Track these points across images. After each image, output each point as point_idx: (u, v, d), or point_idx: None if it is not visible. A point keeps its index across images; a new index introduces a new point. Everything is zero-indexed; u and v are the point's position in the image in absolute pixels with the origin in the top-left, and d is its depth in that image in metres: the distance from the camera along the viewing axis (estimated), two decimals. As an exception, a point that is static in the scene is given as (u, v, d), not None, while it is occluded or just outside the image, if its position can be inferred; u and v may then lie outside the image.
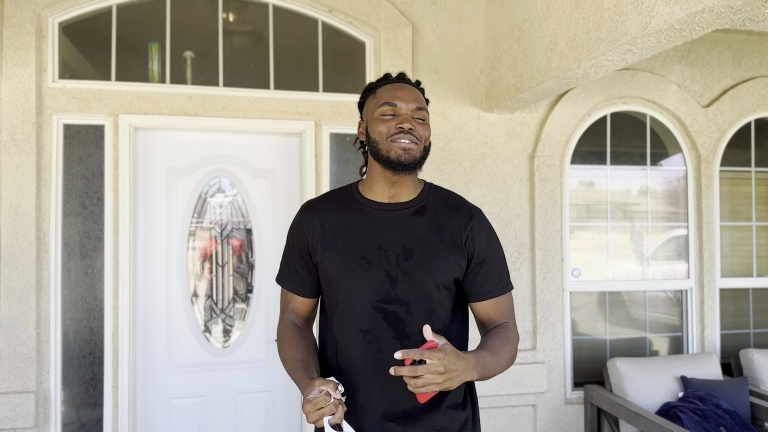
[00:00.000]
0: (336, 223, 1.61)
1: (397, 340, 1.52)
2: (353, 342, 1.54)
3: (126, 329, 3.22)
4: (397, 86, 1.61)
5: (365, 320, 1.53)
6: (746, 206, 4.14)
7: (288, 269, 1.69)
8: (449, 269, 1.56)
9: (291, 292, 1.69)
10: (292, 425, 3.53)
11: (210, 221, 3.46)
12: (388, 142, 1.55)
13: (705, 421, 3.24)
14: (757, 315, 4.14)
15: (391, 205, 1.61)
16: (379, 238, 1.57)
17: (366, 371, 1.53)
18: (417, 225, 1.59)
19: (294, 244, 1.66)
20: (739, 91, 4.00)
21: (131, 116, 3.24)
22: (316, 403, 1.34)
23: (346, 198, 1.66)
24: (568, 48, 2.72)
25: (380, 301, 1.53)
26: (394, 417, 1.52)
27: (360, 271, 1.54)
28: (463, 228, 1.61)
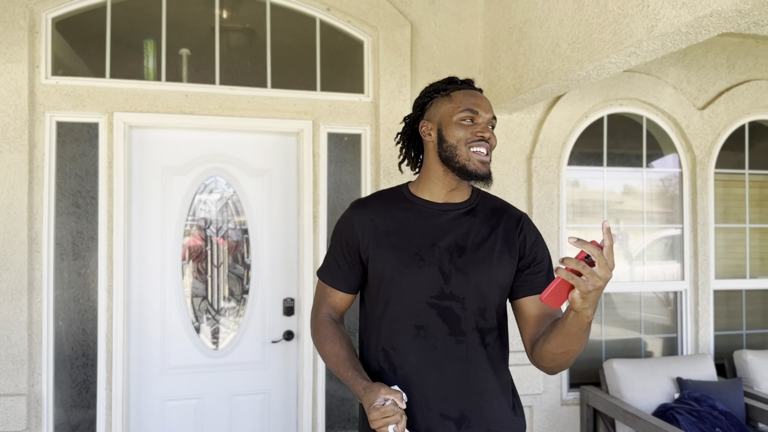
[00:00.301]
0: (388, 220, 1.63)
1: (452, 336, 1.54)
2: (408, 338, 1.55)
3: (120, 330, 3.17)
4: (475, 94, 1.64)
5: (419, 316, 1.55)
6: (740, 208, 4.16)
7: (332, 264, 1.71)
8: (502, 267, 1.59)
9: (331, 287, 1.70)
10: (288, 427, 3.50)
11: (205, 221, 3.42)
12: (466, 149, 1.57)
13: (701, 422, 3.26)
14: (749, 316, 4.16)
15: (443, 205, 1.64)
16: (432, 236, 1.59)
17: (421, 367, 1.54)
18: (469, 224, 1.62)
19: (342, 240, 1.67)
20: (733, 93, 4.02)
21: (126, 114, 3.18)
22: (384, 412, 1.38)
23: (398, 197, 1.68)
24: (571, 50, 2.71)
25: (434, 297, 1.55)
26: (449, 414, 1.53)
27: (413, 267, 1.56)
28: (515, 228, 1.65)
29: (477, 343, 1.56)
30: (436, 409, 1.53)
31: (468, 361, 1.54)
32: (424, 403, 1.53)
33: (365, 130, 3.50)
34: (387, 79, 3.44)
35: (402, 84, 3.46)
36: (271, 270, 3.48)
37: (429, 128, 1.65)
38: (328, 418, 3.47)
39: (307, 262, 3.39)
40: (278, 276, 3.49)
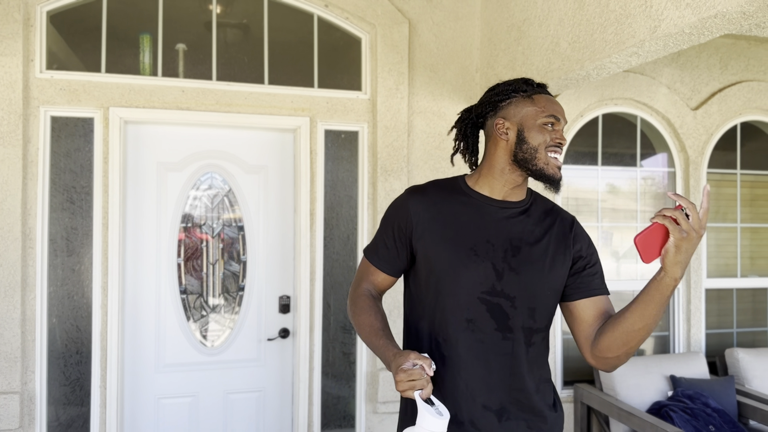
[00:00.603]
0: (445, 211, 1.63)
1: (499, 332, 1.56)
2: (458, 329, 1.57)
3: (115, 327, 3.14)
4: (556, 101, 1.66)
5: (470, 309, 1.57)
6: (731, 208, 4.20)
7: (380, 246, 1.71)
8: (554, 270, 1.61)
9: (375, 267, 1.72)
10: (283, 425, 3.49)
11: (201, 218, 3.39)
12: (545, 153, 1.59)
13: (695, 419, 3.29)
14: (740, 315, 4.21)
15: (500, 202, 1.64)
16: (487, 232, 1.60)
17: (468, 359, 1.56)
18: (524, 224, 1.63)
19: (394, 223, 1.67)
20: (726, 94, 4.06)
21: (122, 109, 3.15)
22: (411, 374, 1.37)
23: (455, 189, 1.68)
24: (571, 49, 2.71)
25: (485, 293, 1.56)
26: (491, 406, 1.56)
27: (467, 261, 1.57)
28: (569, 231, 1.67)
29: (522, 341, 1.58)
30: (479, 400, 1.56)
31: (513, 357, 1.57)
32: (468, 394, 1.56)
33: (363, 128, 3.49)
34: (385, 77, 3.44)
35: (400, 82, 3.46)
36: (267, 267, 3.47)
37: (506, 127, 1.64)
38: (323, 416, 3.46)
39: (303, 260, 3.38)
40: (274, 273, 3.47)
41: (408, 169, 3.49)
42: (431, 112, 3.56)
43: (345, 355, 3.52)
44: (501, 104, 1.66)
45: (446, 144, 3.57)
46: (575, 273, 1.64)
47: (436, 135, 3.56)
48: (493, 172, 1.65)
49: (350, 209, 3.52)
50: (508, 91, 1.66)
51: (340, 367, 3.52)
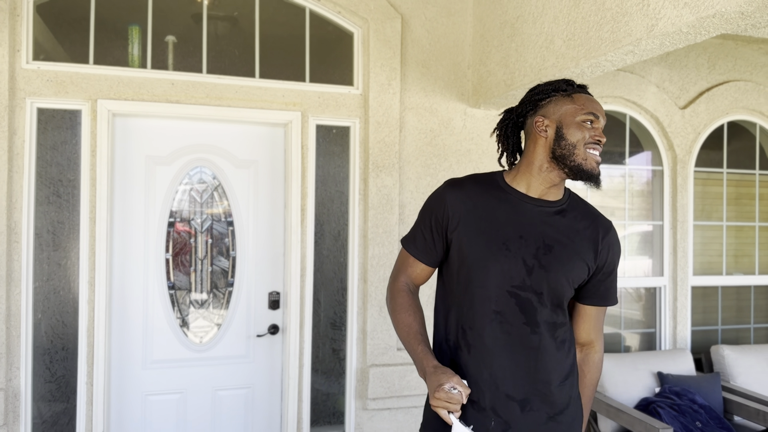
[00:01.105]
0: (480, 205, 1.68)
1: (527, 326, 1.62)
2: (485, 321, 1.62)
3: (102, 323, 3.10)
4: (593, 99, 1.69)
5: (499, 302, 1.62)
6: (717, 206, 4.25)
7: (417, 236, 1.76)
8: (581, 271, 1.67)
9: (413, 257, 1.76)
10: (272, 422, 3.47)
11: (190, 212, 3.35)
12: (584, 150, 1.63)
13: (682, 416, 3.32)
14: (724, 312, 4.26)
15: (536, 201, 1.69)
16: (521, 229, 1.65)
17: (494, 349, 1.62)
18: (558, 224, 1.68)
19: (432, 214, 1.72)
20: (714, 93, 4.10)
21: (110, 101, 3.10)
22: (451, 398, 1.47)
23: (492, 184, 1.72)
24: (566, 47, 2.72)
25: (515, 287, 1.62)
26: (515, 396, 1.61)
27: (499, 255, 1.62)
28: (601, 238, 1.71)
29: (549, 335, 1.64)
30: (503, 389, 1.61)
31: (539, 350, 1.62)
32: (492, 383, 1.61)
33: (354, 123, 3.47)
34: (377, 72, 3.42)
35: (392, 77, 3.44)
36: (257, 263, 3.44)
37: (545, 125, 1.68)
38: (313, 412, 3.44)
39: (294, 256, 3.36)
40: (264, 269, 3.44)
41: (399, 165, 3.48)
42: (423, 108, 3.54)
43: (335, 351, 3.50)
44: (541, 103, 1.71)
45: (438, 140, 3.56)
46: (598, 280, 1.72)
47: (428, 131, 3.55)
48: (531, 169, 1.69)
49: (341, 205, 3.50)
50: (548, 90, 1.70)
51: (330, 363, 3.50)
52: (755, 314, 4.34)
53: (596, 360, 1.79)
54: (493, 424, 1.61)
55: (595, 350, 1.80)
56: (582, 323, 1.78)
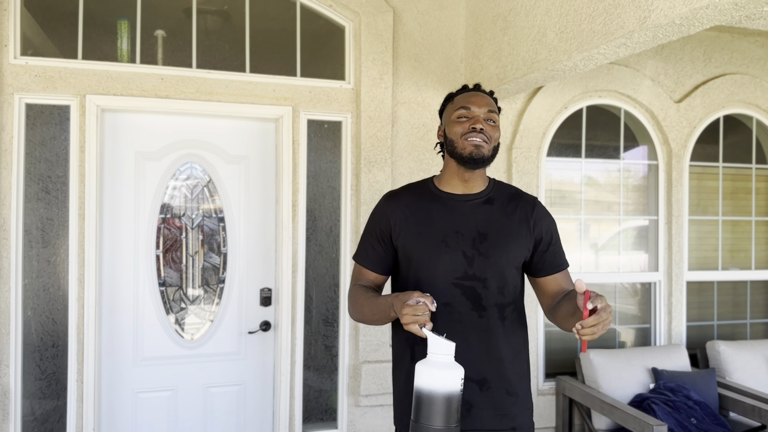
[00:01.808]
0: (417, 211, 1.86)
1: (474, 311, 1.77)
2: (437, 313, 1.74)
3: (92, 320, 3.07)
4: (472, 93, 1.87)
5: (446, 294, 1.77)
6: (713, 201, 4.22)
7: (368, 249, 1.92)
8: (519, 249, 1.82)
9: (366, 269, 1.92)
10: (264, 419, 3.45)
11: (180, 208, 3.33)
12: (462, 141, 1.79)
13: (676, 412, 3.30)
14: (720, 307, 4.24)
15: (464, 196, 1.86)
16: (456, 224, 1.81)
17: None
18: (488, 212, 1.84)
19: (376, 226, 1.90)
20: (709, 87, 4.07)
21: (99, 97, 3.07)
22: (416, 309, 1.55)
23: (424, 191, 1.91)
24: (558, 40, 2.69)
25: (459, 278, 1.77)
26: (473, 378, 1.76)
27: (440, 252, 1.78)
28: (530, 214, 1.87)
29: (496, 317, 1.78)
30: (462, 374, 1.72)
31: (489, 332, 1.78)
32: None
33: (346, 118, 3.44)
34: (369, 66, 3.39)
35: (384, 71, 3.41)
36: (248, 259, 3.41)
37: (441, 131, 1.92)
38: (305, 409, 3.42)
39: (285, 252, 3.33)
40: (255, 265, 3.42)
41: (392, 160, 3.45)
42: (416, 102, 3.51)
43: (327, 348, 3.48)
44: (441, 115, 1.95)
45: (430, 135, 3.53)
46: (540, 252, 1.86)
47: (421, 126, 3.52)
48: (447, 170, 1.89)
49: (333, 201, 3.47)
50: (444, 102, 1.95)
51: (322, 360, 3.48)
52: (751, 309, 4.32)
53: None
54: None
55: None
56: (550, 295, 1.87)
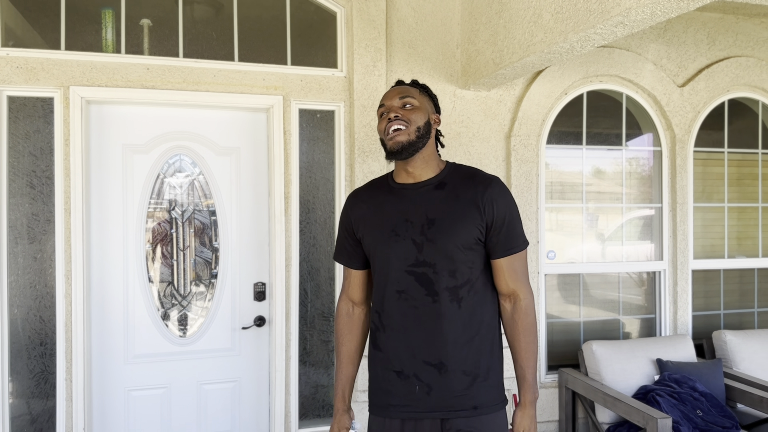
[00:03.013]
0: (372, 205, 1.94)
1: (429, 296, 1.82)
2: (392, 301, 1.85)
3: (80, 318, 3.00)
4: (388, 91, 1.93)
5: (400, 282, 1.84)
6: (718, 187, 4.11)
7: (342, 248, 2.03)
8: (468, 232, 1.81)
9: (346, 266, 2.03)
10: (260, 416, 3.38)
11: (170, 202, 3.25)
12: (385, 137, 1.87)
13: (682, 404, 3.21)
14: (727, 296, 4.14)
15: (415, 184, 1.90)
16: (405, 213, 1.86)
17: (406, 324, 1.84)
18: (438, 197, 1.86)
19: (344, 225, 2.01)
20: (713, 70, 3.95)
21: (83, 88, 2.99)
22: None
23: (382, 184, 1.98)
24: (554, 21, 2.58)
25: (411, 266, 1.83)
26: (431, 362, 1.82)
27: (391, 241, 1.85)
28: (481, 195, 1.84)
29: (448, 300, 1.82)
30: (420, 357, 1.83)
31: (443, 316, 1.81)
32: (410, 353, 1.84)
33: (339, 107, 3.34)
34: (361, 53, 3.29)
35: (377, 58, 3.31)
36: (241, 253, 3.33)
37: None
38: (302, 405, 3.35)
39: (278, 245, 3.25)
40: (248, 259, 3.34)
41: (386, 149, 3.36)
42: (410, 90, 3.41)
43: (323, 342, 3.40)
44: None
45: (426, 123, 3.43)
46: (494, 233, 1.85)
47: (416, 114, 3.42)
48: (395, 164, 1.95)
49: (327, 192, 3.38)
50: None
51: (319, 355, 3.40)
52: (759, 298, 4.21)
53: (524, 306, 1.87)
54: (417, 389, 1.83)
55: (520, 298, 1.88)
56: (500, 276, 1.88)
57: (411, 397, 1.84)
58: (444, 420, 1.83)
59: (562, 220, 3.83)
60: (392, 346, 1.86)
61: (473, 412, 1.82)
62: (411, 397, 1.84)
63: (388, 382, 1.86)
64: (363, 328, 2.04)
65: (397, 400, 1.85)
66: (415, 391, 1.83)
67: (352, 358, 1.99)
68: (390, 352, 1.86)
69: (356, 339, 2.02)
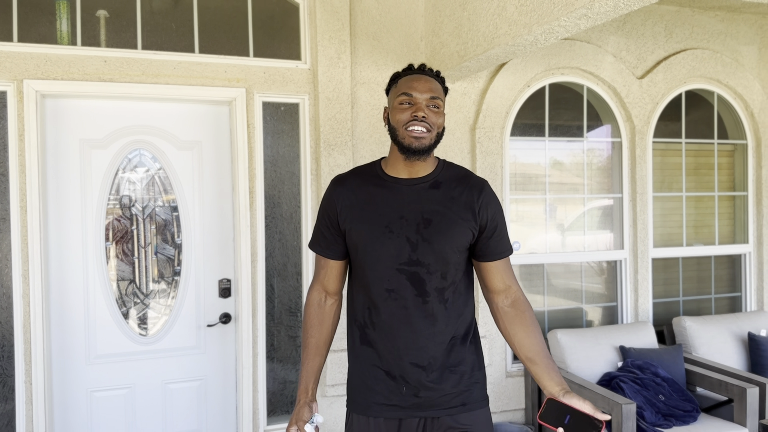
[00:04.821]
0: (362, 196, 1.83)
1: (419, 297, 1.78)
2: (381, 299, 1.79)
3: (39, 318, 2.91)
4: (415, 77, 1.79)
5: (390, 281, 1.78)
6: (676, 177, 4.21)
7: (320, 236, 1.90)
8: (463, 234, 1.78)
9: (322, 256, 1.91)
10: (228, 414, 3.33)
11: (130, 199, 3.17)
12: (403, 130, 1.75)
13: (645, 389, 3.28)
14: (685, 283, 4.24)
15: (410, 180, 1.82)
16: (400, 209, 1.79)
17: (394, 324, 1.78)
18: (433, 197, 1.81)
19: (326, 213, 1.88)
20: (671, 62, 4.03)
21: (38, 81, 2.89)
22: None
23: (371, 174, 1.88)
24: (518, 13, 2.60)
25: (403, 264, 1.77)
26: (419, 363, 1.78)
27: (384, 238, 1.77)
28: (476, 199, 1.82)
29: (437, 300, 1.78)
30: (407, 359, 1.78)
31: (433, 317, 1.78)
32: (398, 354, 1.79)
33: (303, 100, 3.31)
34: (325, 45, 3.26)
35: (341, 50, 3.28)
36: (205, 250, 3.27)
37: (386, 114, 1.86)
38: (270, 402, 3.32)
39: (244, 240, 3.20)
40: (212, 256, 3.29)
41: (353, 143, 3.34)
42: (375, 83, 3.40)
43: (291, 338, 3.37)
44: (388, 94, 1.88)
45: (391, 116, 3.42)
46: (485, 238, 1.83)
47: (381, 107, 3.40)
48: (392, 155, 1.85)
49: (293, 186, 3.35)
50: (391, 81, 1.87)
51: (286, 350, 3.37)
52: (716, 284, 4.33)
53: (521, 298, 1.86)
54: (404, 390, 1.79)
55: (514, 291, 1.87)
56: (492, 277, 1.86)
57: (397, 397, 1.81)
58: (431, 419, 1.81)
59: (526, 211, 3.87)
60: (382, 345, 1.81)
61: (462, 409, 1.81)
62: (397, 397, 1.81)
63: (375, 380, 1.81)
64: (333, 320, 1.95)
65: (382, 398, 1.81)
66: (402, 392, 1.80)
67: (320, 349, 1.90)
68: (380, 351, 1.81)
69: (326, 331, 1.93)
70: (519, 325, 1.81)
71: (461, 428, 1.80)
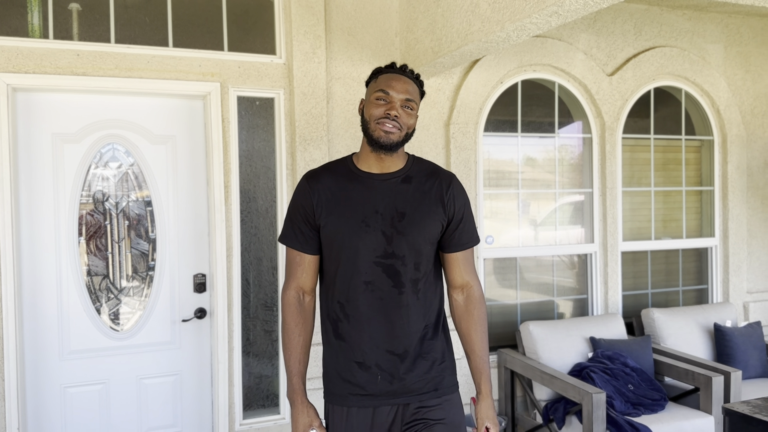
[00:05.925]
0: (337, 191, 1.87)
1: (395, 288, 1.84)
2: (358, 292, 1.84)
3: (11, 315, 2.89)
4: (395, 77, 1.85)
5: (368, 273, 1.83)
6: (645, 172, 4.30)
7: (295, 231, 1.91)
8: (434, 227, 1.87)
9: (297, 251, 1.91)
10: (203, 409, 3.34)
11: (103, 193, 3.15)
12: (375, 124, 1.82)
13: (614, 379, 3.36)
14: (654, 276, 4.35)
15: (382, 176, 1.89)
16: (375, 204, 1.85)
17: (371, 315, 1.84)
18: (406, 191, 1.88)
19: (301, 208, 1.90)
20: (640, 60, 4.12)
21: (9, 75, 2.86)
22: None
23: (344, 170, 1.93)
24: (491, 10, 2.64)
25: (380, 257, 1.83)
26: (395, 351, 1.85)
27: (361, 232, 1.83)
28: (445, 191, 1.91)
29: (411, 291, 1.85)
30: (383, 347, 1.85)
31: (408, 307, 1.85)
32: (374, 344, 1.85)
33: (278, 94, 3.31)
34: (300, 40, 3.27)
35: (317, 45, 3.30)
36: (179, 244, 3.27)
37: (361, 106, 1.91)
38: (245, 397, 3.33)
39: (219, 235, 3.20)
40: (187, 251, 3.28)
41: (328, 138, 3.35)
42: (350, 78, 3.42)
43: (267, 332, 3.39)
44: (367, 87, 1.93)
45: (366, 111, 3.45)
46: (451, 230, 1.91)
47: (357, 102, 3.43)
48: (364, 149, 1.91)
49: (268, 181, 3.36)
50: (371, 76, 1.93)
51: (262, 345, 3.38)
52: (683, 277, 4.44)
53: (477, 296, 1.95)
54: (379, 378, 1.85)
55: (473, 288, 1.96)
56: (453, 269, 1.95)
57: (372, 387, 1.86)
58: (405, 405, 1.87)
59: (499, 207, 3.92)
60: (356, 336, 1.85)
61: (434, 394, 1.89)
62: (372, 386, 1.86)
63: (350, 372, 1.86)
64: (313, 317, 1.97)
65: (358, 389, 1.85)
66: (377, 381, 1.85)
67: (306, 349, 1.93)
68: (353, 343, 1.86)
69: (310, 329, 1.95)
70: (467, 320, 1.94)
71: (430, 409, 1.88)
